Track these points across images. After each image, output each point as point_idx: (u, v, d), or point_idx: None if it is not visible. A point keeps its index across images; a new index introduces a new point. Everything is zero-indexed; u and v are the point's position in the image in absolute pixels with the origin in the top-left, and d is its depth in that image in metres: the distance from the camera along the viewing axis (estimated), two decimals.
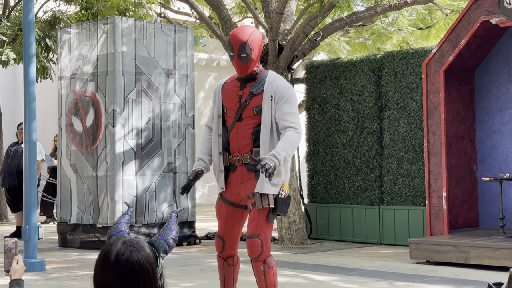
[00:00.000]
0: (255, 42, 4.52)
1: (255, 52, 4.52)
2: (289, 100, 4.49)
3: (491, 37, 8.25)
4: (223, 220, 4.66)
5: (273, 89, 4.51)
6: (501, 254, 6.97)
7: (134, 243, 2.18)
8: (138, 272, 2.11)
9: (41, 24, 12.22)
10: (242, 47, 4.49)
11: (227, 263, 4.69)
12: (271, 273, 4.48)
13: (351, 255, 8.37)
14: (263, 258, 4.45)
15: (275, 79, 4.58)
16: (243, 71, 4.56)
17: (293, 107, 4.51)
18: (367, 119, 9.55)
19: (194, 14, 14.31)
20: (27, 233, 7.26)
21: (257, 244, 4.43)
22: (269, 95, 4.50)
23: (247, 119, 4.56)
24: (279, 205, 4.46)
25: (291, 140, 4.38)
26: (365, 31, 13.98)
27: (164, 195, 9.34)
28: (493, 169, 8.47)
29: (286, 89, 4.53)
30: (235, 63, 4.54)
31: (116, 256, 2.12)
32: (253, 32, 4.55)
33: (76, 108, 9.43)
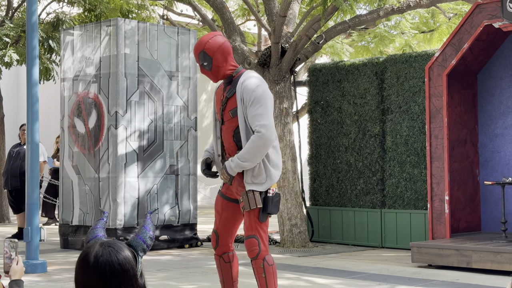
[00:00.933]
0: (212, 47, 4.52)
1: (217, 57, 4.53)
2: (255, 101, 4.45)
3: (494, 41, 8.25)
4: (219, 214, 4.75)
5: (242, 90, 4.51)
6: (503, 258, 6.97)
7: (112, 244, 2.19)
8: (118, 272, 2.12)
9: (44, 26, 12.24)
10: (200, 56, 4.55)
11: (223, 260, 4.73)
12: (270, 271, 4.51)
13: (352, 258, 8.36)
14: (262, 256, 4.50)
15: (245, 79, 4.55)
16: (213, 78, 4.63)
17: (260, 107, 4.45)
18: (370, 122, 9.55)
19: (197, 16, 14.32)
20: (29, 235, 7.27)
21: (254, 243, 4.48)
22: (240, 96, 4.52)
23: (227, 123, 4.63)
24: (268, 204, 4.49)
25: (251, 145, 4.41)
26: (367, 34, 13.98)
27: (166, 197, 9.35)
28: (495, 173, 8.47)
29: (253, 90, 4.47)
30: (202, 72, 4.64)
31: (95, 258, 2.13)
32: (211, 38, 4.55)
33: (79, 109, 9.44)
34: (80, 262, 2.15)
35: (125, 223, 8.88)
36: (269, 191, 4.51)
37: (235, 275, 4.78)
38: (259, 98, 4.45)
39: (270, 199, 4.49)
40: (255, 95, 4.45)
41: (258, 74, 4.73)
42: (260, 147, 4.41)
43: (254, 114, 4.44)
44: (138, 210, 9.04)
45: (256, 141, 4.40)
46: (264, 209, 4.49)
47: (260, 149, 4.42)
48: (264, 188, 4.50)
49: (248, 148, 4.41)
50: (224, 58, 4.56)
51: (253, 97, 4.45)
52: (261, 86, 4.52)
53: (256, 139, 4.41)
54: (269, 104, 4.50)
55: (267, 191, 4.51)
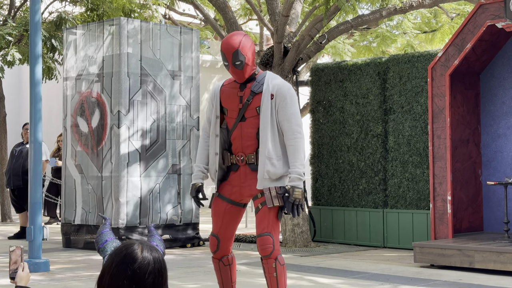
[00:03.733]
0: (246, 47, 4.56)
1: (248, 56, 4.56)
2: (291, 100, 4.53)
3: (497, 41, 8.25)
4: (220, 218, 4.67)
5: (274, 88, 4.54)
6: (506, 259, 6.97)
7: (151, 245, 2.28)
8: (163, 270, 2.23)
9: (47, 25, 12.25)
10: (235, 55, 4.54)
11: (222, 263, 4.71)
12: (282, 271, 4.51)
13: (355, 258, 8.36)
14: (275, 256, 4.48)
15: (274, 78, 4.63)
16: (241, 78, 4.61)
17: (296, 107, 4.57)
18: (372, 122, 9.55)
19: (199, 15, 14.33)
20: (32, 234, 7.28)
21: (269, 241, 4.46)
22: (269, 93, 4.53)
23: (250, 119, 4.59)
24: (286, 203, 4.50)
25: (299, 148, 4.49)
26: (369, 34, 13.98)
27: (168, 196, 9.35)
28: (498, 173, 8.47)
29: (288, 89, 4.56)
30: (231, 71, 4.59)
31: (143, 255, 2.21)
32: (242, 38, 4.60)
33: (82, 109, 9.45)
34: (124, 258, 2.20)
35: (127, 223, 8.89)
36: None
37: (234, 277, 4.78)
38: (294, 98, 4.57)
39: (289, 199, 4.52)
40: (291, 94, 4.55)
41: None
42: (302, 148, 4.54)
43: (291, 112, 4.52)
44: (141, 209, 9.04)
45: (302, 143, 4.52)
46: (283, 207, 4.53)
47: (303, 149, 4.54)
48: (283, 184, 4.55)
49: (299, 153, 4.49)
50: (253, 57, 4.64)
51: (289, 96, 4.54)
52: (291, 87, 4.65)
53: (301, 141, 4.52)
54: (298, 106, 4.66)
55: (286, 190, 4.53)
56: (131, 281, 2.16)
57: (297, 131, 4.49)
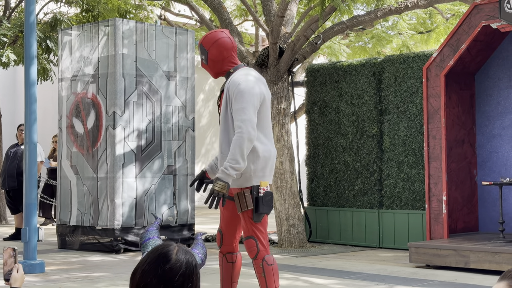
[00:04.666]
0: (210, 41, 4.55)
1: (212, 51, 4.54)
2: (238, 96, 4.41)
3: (492, 41, 8.27)
4: (222, 213, 4.76)
5: (229, 87, 4.51)
6: (501, 259, 6.98)
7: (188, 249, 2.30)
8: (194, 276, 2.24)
9: (42, 26, 12.23)
10: (200, 50, 4.61)
11: (226, 259, 4.72)
12: (270, 270, 4.49)
13: (350, 259, 8.37)
14: (261, 256, 4.49)
15: (234, 75, 4.56)
16: (211, 73, 4.66)
17: (241, 102, 4.39)
18: (367, 122, 9.56)
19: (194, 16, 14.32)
20: (27, 235, 7.26)
21: (252, 244, 4.49)
22: (225, 92, 4.54)
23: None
24: (259, 204, 4.44)
25: (235, 144, 4.34)
26: (365, 35, 14.00)
27: (164, 197, 9.35)
28: (493, 173, 8.48)
29: (237, 85, 4.44)
30: (202, 67, 4.69)
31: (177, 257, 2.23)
32: (210, 33, 4.60)
33: (77, 110, 9.44)
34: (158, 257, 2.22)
35: (123, 224, 8.88)
36: (260, 191, 4.45)
37: (236, 276, 4.77)
38: (242, 93, 4.39)
39: (261, 198, 4.43)
40: (239, 89, 4.42)
41: (256, 72, 4.67)
42: (242, 144, 4.34)
43: (235, 108, 4.41)
44: (136, 210, 9.03)
45: (237, 139, 4.35)
46: (256, 209, 4.45)
47: (244, 145, 4.34)
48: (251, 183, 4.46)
49: (233, 149, 4.34)
50: (220, 53, 4.56)
51: (236, 92, 4.42)
52: (248, 81, 4.45)
53: (237, 137, 4.35)
54: (253, 100, 4.41)
55: (258, 190, 4.46)
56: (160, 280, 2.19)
57: (237, 126, 4.36)
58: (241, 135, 4.34)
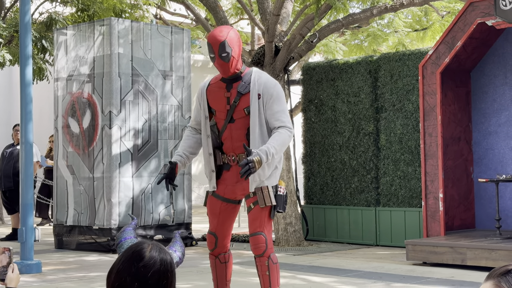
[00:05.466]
0: (233, 40, 4.52)
1: (235, 49, 4.51)
2: (278, 98, 4.49)
3: (487, 39, 8.27)
4: (216, 216, 4.69)
5: (260, 87, 4.50)
6: (498, 256, 6.99)
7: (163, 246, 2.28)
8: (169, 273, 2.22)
9: (37, 26, 12.20)
10: (221, 47, 4.48)
11: (219, 260, 4.72)
12: (275, 269, 4.52)
13: (347, 257, 8.37)
14: (268, 254, 4.50)
15: (260, 76, 4.56)
16: (226, 71, 4.54)
17: (283, 104, 4.52)
18: (364, 120, 9.56)
19: (190, 15, 14.30)
20: (24, 235, 7.25)
21: (262, 240, 4.48)
22: (256, 93, 4.50)
23: (239, 120, 4.56)
24: (279, 202, 4.51)
25: (283, 138, 4.42)
26: (361, 33, 14.00)
27: (160, 196, 9.34)
28: (489, 170, 8.49)
29: (273, 86, 4.52)
30: (217, 64, 4.52)
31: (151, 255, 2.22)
32: (230, 31, 4.56)
33: (73, 109, 9.42)
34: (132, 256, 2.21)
35: (119, 223, 8.87)
36: (279, 190, 4.53)
37: (229, 275, 4.79)
38: (280, 95, 4.52)
39: (281, 197, 4.53)
40: (277, 91, 4.51)
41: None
42: (288, 141, 4.46)
43: (277, 110, 4.48)
44: (133, 209, 9.02)
45: (287, 135, 4.44)
46: (276, 206, 4.52)
47: (287, 143, 4.47)
48: (274, 182, 4.53)
49: (280, 140, 4.39)
50: (240, 52, 4.59)
51: (276, 94, 4.50)
52: (278, 84, 4.60)
53: (287, 134, 4.45)
54: (285, 102, 4.61)
55: (278, 189, 4.53)
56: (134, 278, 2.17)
57: (285, 126, 4.46)
58: (290, 135, 4.47)
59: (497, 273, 1.82)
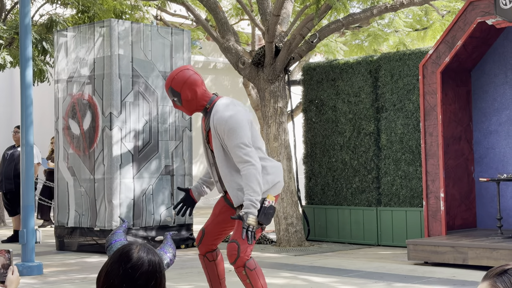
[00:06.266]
0: (179, 83, 4.51)
1: (185, 92, 4.52)
2: (230, 133, 4.42)
3: (488, 38, 8.27)
4: (215, 215, 4.77)
5: (215, 125, 4.49)
6: (499, 255, 6.98)
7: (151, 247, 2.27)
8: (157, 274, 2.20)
9: (38, 27, 12.21)
10: (170, 93, 4.57)
11: (207, 259, 4.76)
12: (254, 275, 4.49)
13: (349, 257, 8.37)
14: (242, 263, 4.45)
15: (215, 112, 4.51)
16: (187, 112, 4.65)
17: (236, 137, 4.42)
18: (364, 120, 9.55)
19: (190, 16, 14.30)
20: (25, 237, 7.25)
21: (233, 248, 4.44)
22: (214, 131, 4.51)
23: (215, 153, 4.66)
24: (260, 212, 4.43)
25: (249, 177, 4.38)
26: (361, 33, 13.99)
27: (161, 197, 9.34)
28: (490, 169, 8.48)
29: (225, 122, 4.44)
30: (175, 107, 4.65)
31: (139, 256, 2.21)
32: (177, 74, 4.54)
33: (73, 111, 9.42)
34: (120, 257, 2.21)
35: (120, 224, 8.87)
36: (265, 202, 4.48)
37: (221, 272, 4.80)
38: (233, 129, 4.42)
39: (264, 209, 4.45)
40: (229, 127, 4.43)
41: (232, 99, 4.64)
42: (256, 175, 4.40)
43: (233, 145, 4.43)
44: (134, 211, 9.02)
45: (251, 170, 4.39)
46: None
47: (258, 175, 4.41)
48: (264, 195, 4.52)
49: (252, 183, 4.38)
50: (193, 92, 4.54)
51: (227, 129, 4.43)
52: (232, 116, 4.45)
53: (250, 169, 4.39)
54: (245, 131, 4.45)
55: (264, 201, 4.47)
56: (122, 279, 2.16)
57: (244, 161, 4.41)
58: (252, 168, 4.40)
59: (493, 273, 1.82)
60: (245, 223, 4.33)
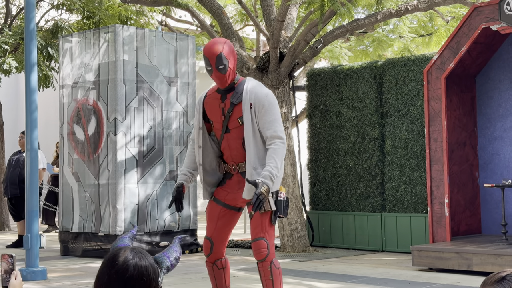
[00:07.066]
0: (229, 52, 4.60)
1: (231, 61, 4.60)
2: (270, 107, 4.53)
3: (492, 43, 8.26)
4: (214, 222, 4.74)
5: (252, 96, 4.56)
6: (504, 261, 6.96)
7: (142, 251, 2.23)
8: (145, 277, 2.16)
9: (43, 33, 12.25)
10: (218, 59, 4.56)
11: (216, 267, 4.77)
12: (277, 274, 4.55)
13: (353, 263, 8.35)
14: (270, 259, 4.52)
15: (253, 86, 4.62)
16: (224, 83, 4.62)
17: (274, 113, 4.56)
18: (369, 126, 9.55)
19: (195, 22, 14.33)
20: (29, 242, 7.26)
21: (263, 245, 4.50)
22: (248, 103, 4.55)
23: (234, 130, 4.65)
24: (280, 207, 4.55)
25: (278, 153, 4.47)
26: (366, 39, 13.99)
27: (166, 203, 9.34)
28: (495, 175, 8.46)
29: (265, 96, 4.56)
30: (214, 76, 4.61)
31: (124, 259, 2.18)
32: (225, 42, 4.64)
33: (78, 116, 9.44)
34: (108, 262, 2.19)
35: (125, 230, 8.88)
36: (280, 195, 4.56)
37: (228, 281, 4.82)
38: (272, 104, 4.55)
39: (282, 202, 4.56)
40: (269, 101, 4.55)
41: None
42: (283, 154, 4.51)
43: (269, 120, 4.52)
44: (138, 216, 9.03)
45: (281, 148, 4.49)
46: (276, 211, 4.54)
47: (283, 155, 4.52)
48: (274, 188, 4.54)
49: (278, 159, 4.45)
50: (235, 63, 4.66)
51: (267, 103, 4.53)
52: (270, 93, 4.62)
53: (281, 146, 4.49)
54: (278, 107, 4.63)
55: (278, 194, 4.55)
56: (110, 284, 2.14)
57: (277, 137, 4.50)
58: (282, 146, 4.50)
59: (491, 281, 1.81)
60: (258, 189, 4.36)
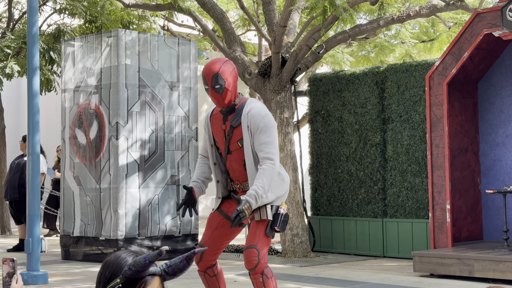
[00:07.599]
0: (227, 71, 4.58)
1: (229, 81, 4.57)
2: (264, 129, 4.51)
3: (494, 49, 8.26)
4: (211, 230, 4.74)
5: (249, 119, 4.55)
6: (506, 267, 6.95)
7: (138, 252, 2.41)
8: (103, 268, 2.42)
9: (45, 37, 12.27)
10: (214, 79, 4.55)
11: (208, 275, 4.74)
12: (270, 283, 4.48)
13: (354, 268, 8.34)
14: (261, 269, 4.45)
15: (251, 108, 4.59)
16: (220, 103, 4.62)
17: (269, 136, 4.53)
18: (370, 131, 9.55)
19: (197, 27, 14.36)
20: (30, 246, 7.26)
21: (254, 254, 4.46)
22: (246, 125, 4.55)
23: (235, 152, 4.66)
24: (277, 219, 4.53)
25: (267, 174, 4.46)
26: (368, 44, 14.01)
27: (167, 207, 9.34)
28: (496, 181, 8.46)
29: (261, 118, 4.53)
30: (211, 95, 4.61)
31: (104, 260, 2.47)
32: (224, 62, 4.62)
33: (80, 120, 9.45)
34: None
35: (126, 234, 8.87)
36: (280, 209, 4.56)
37: (223, 285, 4.78)
38: (267, 127, 4.53)
39: (280, 215, 4.55)
40: (264, 123, 4.53)
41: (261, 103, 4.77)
42: (273, 176, 4.49)
43: (262, 142, 4.51)
44: (139, 220, 9.02)
45: (270, 170, 4.47)
46: (273, 223, 4.53)
47: (274, 178, 4.50)
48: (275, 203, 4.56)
49: (266, 179, 4.45)
50: (234, 84, 4.64)
51: (262, 125, 4.52)
52: (268, 115, 4.60)
53: (270, 167, 4.47)
54: (276, 134, 4.60)
55: (279, 208, 4.55)
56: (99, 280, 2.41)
57: (267, 158, 4.48)
58: (272, 167, 4.49)
59: None
60: (240, 206, 4.37)
